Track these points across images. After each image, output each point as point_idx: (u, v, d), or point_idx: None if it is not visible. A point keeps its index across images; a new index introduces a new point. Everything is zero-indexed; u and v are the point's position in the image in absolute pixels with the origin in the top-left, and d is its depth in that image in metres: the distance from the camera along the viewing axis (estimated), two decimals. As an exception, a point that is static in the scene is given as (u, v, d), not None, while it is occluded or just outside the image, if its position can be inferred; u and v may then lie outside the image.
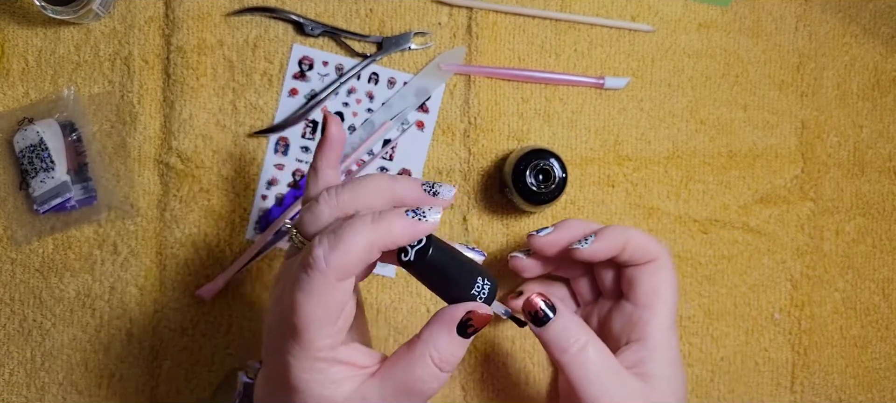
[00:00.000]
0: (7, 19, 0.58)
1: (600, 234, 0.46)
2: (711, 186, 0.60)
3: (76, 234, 0.57)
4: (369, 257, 0.36)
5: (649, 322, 0.46)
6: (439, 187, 0.40)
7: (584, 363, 0.42)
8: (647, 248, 0.46)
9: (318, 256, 0.36)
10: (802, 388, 0.60)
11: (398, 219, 0.37)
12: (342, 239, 0.36)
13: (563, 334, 0.43)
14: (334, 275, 0.36)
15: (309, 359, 0.37)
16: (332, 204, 0.39)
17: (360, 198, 0.39)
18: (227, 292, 0.58)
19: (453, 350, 0.38)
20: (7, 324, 0.57)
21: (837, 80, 0.61)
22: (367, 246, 0.36)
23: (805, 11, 0.61)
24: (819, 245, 0.60)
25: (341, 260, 0.35)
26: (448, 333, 0.38)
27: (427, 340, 0.38)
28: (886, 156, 0.61)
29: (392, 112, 0.58)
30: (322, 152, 0.43)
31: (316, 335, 0.36)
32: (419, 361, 0.38)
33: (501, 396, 0.58)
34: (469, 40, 0.59)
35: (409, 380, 0.38)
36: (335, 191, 0.40)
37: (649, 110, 0.60)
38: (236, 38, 0.58)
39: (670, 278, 0.47)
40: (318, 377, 0.37)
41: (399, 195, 0.40)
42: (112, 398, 0.57)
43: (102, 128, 0.58)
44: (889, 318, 0.61)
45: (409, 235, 0.37)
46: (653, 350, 0.45)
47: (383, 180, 0.40)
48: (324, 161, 0.43)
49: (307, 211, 0.40)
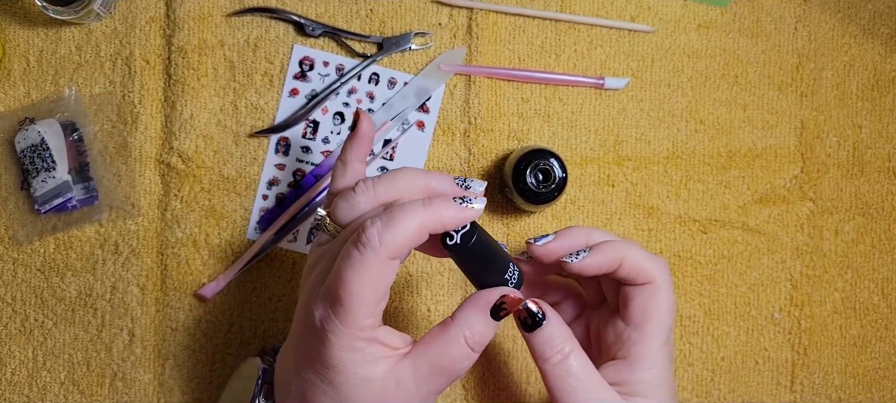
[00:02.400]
0: (8, 19, 0.58)
1: (595, 249, 0.45)
2: (711, 186, 0.60)
3: (77, 234, 0.58)
4: (420, 238, 0.38)
5: (637, 342, 0.45)
6: (470, 182, 0.42)
7: (564, 375, 0.43)
8: (643, 269, 0.45)
9: (372, 235, 0.37)
10: (802, 388, 0.60)
11: (447, 205, 0.39)
12: (395, 220, 0.38)
13: (548, 343, 0.43)
14: (386, 253, 0.37)
15: (350, 336, 0.38)
16: (369, 194, 0.41)
17: (395, 189, 0.41)
18: (228, 292, 0.58)
19: (486, 332, 0.40)
20: (9, 324, 0.58)
21: (837, 80, 0.61)
22: (418, 228, 0.38)
23: (804, 12, 0.61)
24: (818, 245, 0.60)
25: (394, 239, 0.37)
26: (483, 315, 0.40)
27: (462, 322, 0.40)
28: (885, 156, 0.61)
29: (392, 112, 0.59)
30: (352, 146, 0.46)
31: (360, 312, 0.37)
32: (454, 341, 0.40)
33: (502, 396, 0.59)
34: (469, 41, 0.59)
35: (442, 360, 0.40)
36: (372, 182, 0.42)
37: (649, 110, 0.60)
38: (237, 39, 0.58)
39: (665, 301, 0.46)
40: (356, 356, 0.38)
41: (433, 187, 0.42)
42: (113, 397, 0.57)
43: (104, 128, 0.58)
44: (888, 318, 0.61)
45: (456, 220, 0.39)
46: (638, 371, 0.45)
47: (418, 173, 0.42)
48: (353, 154, 0.46)
49: (342, 199, 0.42)
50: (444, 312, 0.58)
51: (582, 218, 0.59)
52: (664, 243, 0.60)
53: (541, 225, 0.59)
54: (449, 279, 0.59)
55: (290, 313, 0.58)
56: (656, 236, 0.60)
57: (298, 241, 0.58)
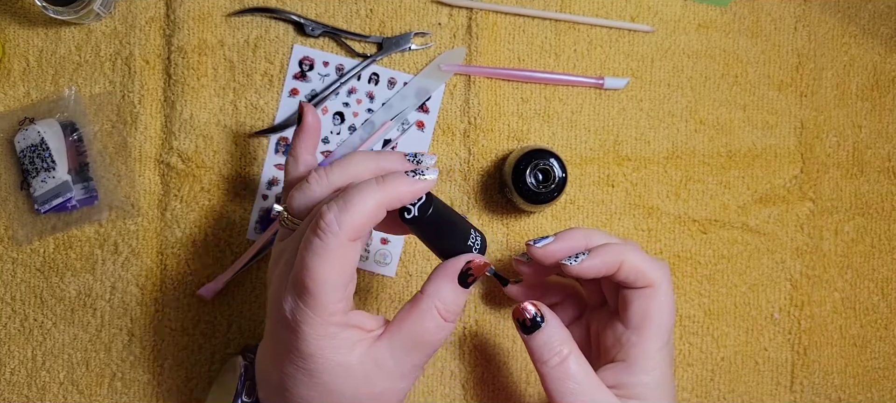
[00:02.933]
0: (8, 19, 0.58)
1: (594, 252, 0.45)
2: (711, 186, 0.60)
3: (77, 234, 0.58)
4: (377, 216, 0.39)
5: (635, 345, 0.45)
6: (422, 156, 0.42)
7: (562, 377, 0.43)
8: (642, 273, 0.45)
9: (330, 219, 0.37)
10: (802, 388, 0.60)
11: (401, 179, 0.39)
12: (351, 201, 0.38)
13: (546, 345, 0.43)
14: (346, 236, 0.37)
15: (322, 324, 0.38)
16: (322, 181, 0.42)
17: (348, 174, 0.42)
18: (227, 292, 0.58)
19: (456, 300, 0.41)
20: (8, 324, 0.58)
21: (836, 81, 0.61)
22: (375, 205, 0.38)
23: (804, 12, 0.61)
24: (818, 245, 0.60)
25: (353, 220, 0.38)
26: (451, 284, 0.41)
27: (432, 293, 0.40)
28: (885, 156, 0.61)
29: (392, 112, 0.59)
30: (300, 139, 0.46)
31: (330, 298, 0.38)
32: (426, 313, 0.40)
33: (502, 395, 0.59)
34: (469, 41, 0.59)
35: (417, 334, 0.40)
36: (324, 170, 0.42)
37: (649, 110, 0.60)
38: (237, 39, 0.58)
39: (664, 305, 0.45)
40: (331, 342, 0.38)
41: (385, 167, 0.42)
42: (113, 397, 0.57)
43: (103, 128, 0.58)
44: (888, 318, 0.61)
45: (412, 192, 0.39)
46: (636, 373, 0.45)
47: (369, 155, 0.42)
48: (302, 147, 0.46)
49: (297, 190, 0.42)
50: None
51: (582, 218, 0.59)
52: (664, 243, 0.60)
53: (541, 225, 0.59)
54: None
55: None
56: (656, 236, 0.60)
57: (298, 241, 0.58)
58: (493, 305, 0.59)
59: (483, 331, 0.59)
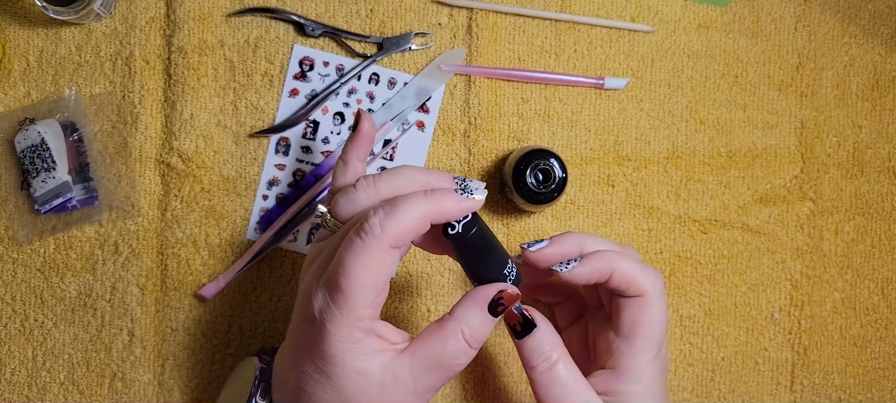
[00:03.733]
0: (8, 20, 0.58)
1: (586, 259, 0.45)
2: (711, 186, 0.60)
3: (77, 234, 0.58)
4: (422, 228, 0.39)
5: (625, 353, 0.45)
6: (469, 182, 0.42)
7: (550, 383, 0.43)
8: (634, 281, 0.45)
9: (374, 223, 0.38)
10: (802, 388, 0.60)
11: (449, 195, 0.40)
12: (398, 209, 0.38)
13: (536, 350, 0.43)
14: (388, 241, 0.38)
15: (348, 327, 0.38)
16: (370, 190, 0.42)
17: (396, 186, 0.42)
18: (228, 292, 0.58)
19: (483, 328, 0.40)
20: (8, 324, 0.58)
21: (837, 81, 0.61)
22: (420, 217, 0.38)
23: (804, 12, 0.61)
24: (818, 245, 0.60)
25: (397, 227, 0.38)
26: (480, 311, 0.40)
27: (460, 317, 0.40)
28: (885, 156, 0.61)
29: (392, 112, 0.59)
30: (353, 146, 0.46)
31: (360, 301, 0.38)
32: (451, 337, 0.40)
33: (502, 396, 0.59)
34: (469, 41, 0.59)
35: (440, 356, 0.40)
36: (373, 178, 0.42)
37: (649, 110, 0.60)
38: (237, 39, 0.58)
39: (656, 314, 0.45)
40: (354, 347, 0.38)
41: (432, 183, 0.42)
42: (113, 397, 0.57)
43: (104, 128, 0.58)
44: (888, 318, 0.61)
45: (458, 209, 0.40)
46: (625, 382, 0.45)
47: (418, 171, 0.43)
48: (354, 153, 0.46)
49: (343, 195, 0.42)
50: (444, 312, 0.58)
51: (582, 218, 0.59)
52: (664, 243, 0.60)
53: (541, 225, 0.59)
54: (449, 279, 0.59)
55: (290, 313, 0.58)
56: (656, 236, 0.60)
57: (298, 241, 0.58)
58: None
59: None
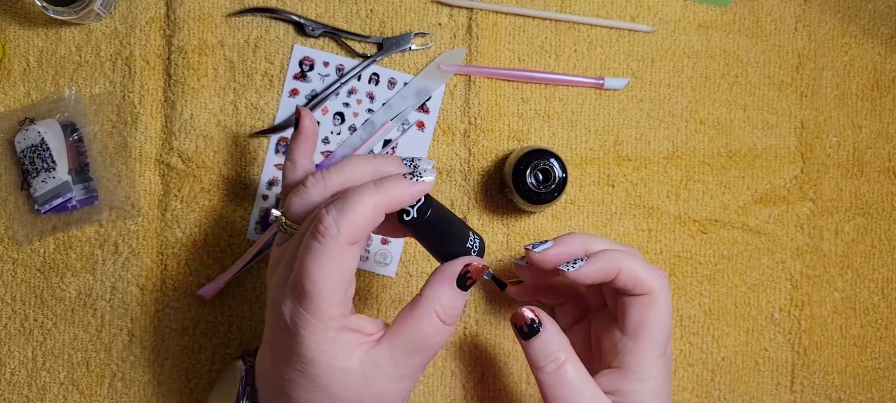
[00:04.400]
0: (8, 20, 0.58)
1: (592, 259, 0.45)
2: (711, 186, 0.60)
3: (77, 234, 0.58)
4: (376, 219, 0.39)
5: (632, 352, 0.45)
6: (419, 161, 0.42)
7: (557, 383, 0.43)
8: (640, 281, 0.45)
9: (329, 223, 0.37)
10: (802, 388, 0.60)
11: (399, 182, 0.39)
12: (350, 204, 0.38)
13: (543, 351, 0.43)
14: (345, 239, 0.37)
15: (322, 328, 0.38)
16: (319, 185, 0.41)
17: (345, 178, 0.42)
18: (227, 292, 0.58)
19: (455, 303, 0.40)
20: (8, 324, 0.58)
21: (837, 81, 0.61)
22: (373, 208, 0.38)
23: (804, 12, 0.61)
24: (818, 245, 0.60)
25: (351, 224, 0.38)
26: (449, 287, 0.40)
27: (430, 297, 0.40)
28: (885, 156, 0.61)
29: (392, 112, 0.59)
30: (298, 144, 0.46)
31: (329, 302, 0.38)
32: (425, 317, 0.40)
33: (502, 395, 0.59)
34: (469, 41, 0.59)
35: (417, 337, 0.40)
36: (321, 174, 0.42)
37: (649, 110, 0.60)
38: (237, 39, 0.58)
39: (662, 313, 0.45)
40: (331, 347, 0.38)
41: (382, 170, 0.42)
42: (113, 397, 0.57)
43: (104, 128, 0.58)
44: (888, 318, 0.61)
45: (410, 194, 0.39)
46: (632, 381, 0.45)
47: (366, 159, 0.42)
48: (300, 152, 0.46)
49: (295, 194, 0.42)
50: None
51: (582, 218, 0.59)
52: (664, 243, 0.60)
53: (541, 226, 0.59)
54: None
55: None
56: (656, 236, 0.60)
57: (298, 241, 0.58)
58: (494, 306, 0.59)
59: (484, 332, 0.59)
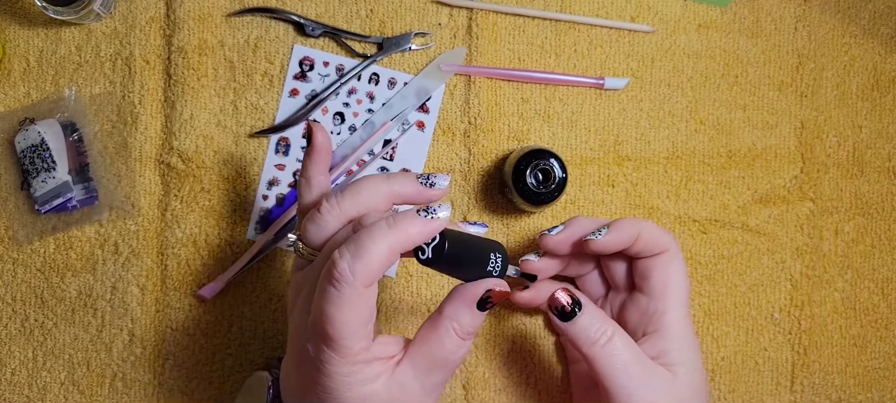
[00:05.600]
0: (8, 20, 0.58)
1: (613, 226, 0.48)
2: (711, 186, 0.60)
3: (77, 234, 0.58)
4: (391, 261, 0.38)
5: (665, 312, 0.48)
6: (434, 178, 0.42)
7: (612, 354, 0.44)
8: (658, 240, 0.48)
9: (343, 269, 0.37)
10: (802, 388, 0.60)
11: (413, 221, 0.38)
12: (364, 248, 0.37)
13: (591, 327, 0.44)
14: (362, 284, 0.37)
15: (346, 364, 0.38)
16: (334, 211, 0.41)
17: (361, 201, 0.41)
18: (228, 292, 0.58)
19: (474, 322, 0.41)
20: (9, 324, 0.58)
21: (837, 81, 0.61)
22: (388, 251, 0.37)
23: (804, 12, 0.61)
24: (818, 245, 0.60)
25: (367, 269, 0.37)
26: (469, 309, 0.40)
27: (450, 315, 0.40)
28: (885, 156, 0.61)
29: (392, 112, 0.59)
30: (311, 160, 0.45)
31: (351, 341, 0.38)
32: (445, 335, 0.40)
33: (503, 395, 0.59)
34: (469, 41, 0.59)
35: (437, 354, 0.40)
36: (335, 198, 0.41)
37: (649, 110, 0.60)
38: (237, 39, 0.58)
39: (682, 268, 0.49)
40: (356, 378, 0.39)
41: (397, 192, 0.42)
42: (114, 397, 0.57)
43: (104, 128, 0.58)
44: (888, 318, 0.61)
45: (424, 234, 0.38)
46: (672, 340, 0.47)
47: (380, 180, 0.42)
48: (314, 169, 0.45)
49: (310, 221, 0.41)
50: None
51: (582, 218, 0.59)
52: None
53: (541, 226, 0.59)
54: (449, 279, 0.59)
55: (290, 313, 0.58)
56: (656, 236, 0.60)
57: (298, 241, 0.58)
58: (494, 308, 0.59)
59: (485, 332, 0.59)
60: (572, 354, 0.56)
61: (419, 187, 0.42)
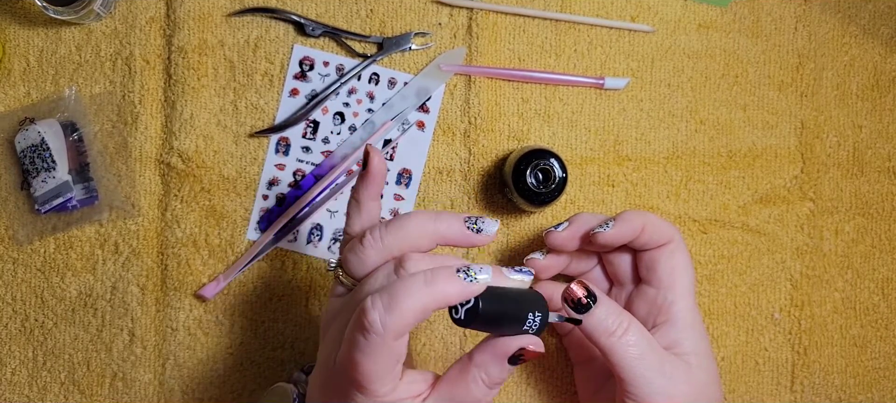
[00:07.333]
0: (8, 19, 0.58)
1: (619, 218, 0.48)
2: (711, 186, 0.60)
3: (78, 234, 0.58)
4: (423, 318, 0.37)
5: (674, 302, 0.48)
6: (482, 223, 0.41)
7: (629, 344, 0.44)
8: (663, 231, 0.49)
9: (374, 320, 0.36)
10: (802, 388, 0.60)
11: (451, 281, 0.37)
12: (397, 301, 0.36)
13: (608, 318, 0.45)
14: (391, 337, 0.37)
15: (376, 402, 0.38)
16: (377, 247, 0.40)
17: (404, 240, 0.40)
18: (228, 292, 0.58)
19: (502, 375, 0.40)
20: (9, 324, 0.58)
21: (837, 81, 0.61)
22: (421, 310, 0.37)
23: (804, 12, 0.61)
24: (818, 245, 0.60)
25: (397, 323, 0.36)
26: (500, 364, 0.40)
27: (480, 365, 0.40)
28: (885, 156, 0.61)
29: (393, 112, 0.59)
30: (364, 184, 0.43)
31: (378, 385, 0.38)
32: (473, 383, 0.40)
33: (502, 396, 0.59)
34: (469, 41, 0.59)
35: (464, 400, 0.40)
36: (379, 233, 0.40)
37: (649, 110, 0.60)
38: (237, 39, 0.58)
39: (687, 258, 0.49)
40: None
41: (443, 233, 0.41)
42: (113, 397, 0.57)
43: (104, 128, 0.58)
44: (889, 318, 0.61)
45: (461, 296, 0.37)
46: (683, 329, 0.47)
47: (426, 219, 0.41)
48: (366, 194, 0.43)
49: (351, 251, 0.41)
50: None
51: (582, 218, 0.59)
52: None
53: (541, 226, 0.59)
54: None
55: (290, 313, 0.58)
56: (656, 236, 0.60)
57: (298, 241, 0.58)
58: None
59: (483, 331, 0.59)
60: (578, 356, 0.56)
61: (466, 231, 0.41)
